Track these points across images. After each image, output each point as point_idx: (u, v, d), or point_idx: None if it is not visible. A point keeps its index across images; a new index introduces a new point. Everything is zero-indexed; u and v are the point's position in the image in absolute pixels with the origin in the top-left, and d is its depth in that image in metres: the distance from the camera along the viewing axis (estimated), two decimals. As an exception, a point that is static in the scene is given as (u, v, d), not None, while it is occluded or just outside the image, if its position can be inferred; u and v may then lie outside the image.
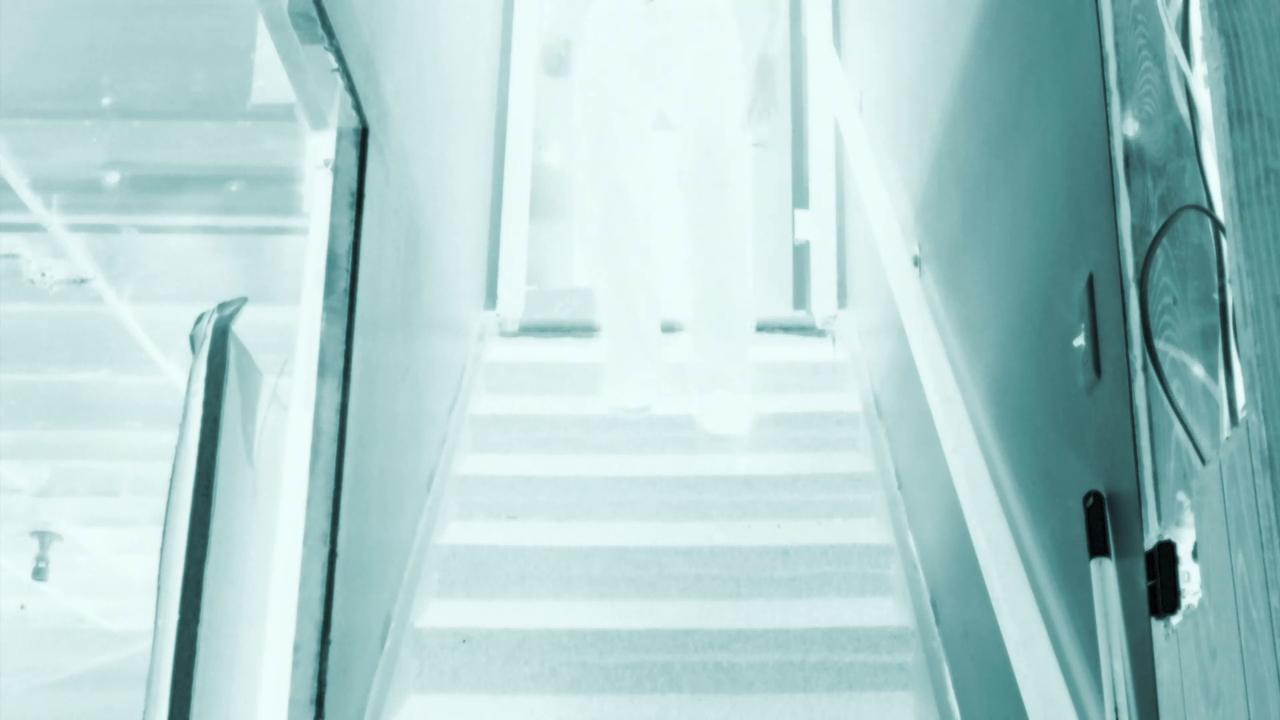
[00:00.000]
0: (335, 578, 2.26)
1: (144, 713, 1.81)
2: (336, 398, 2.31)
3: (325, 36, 2.18)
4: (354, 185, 2.40)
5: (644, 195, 3.94)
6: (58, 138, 2.72)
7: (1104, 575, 1.60)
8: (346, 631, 2.38)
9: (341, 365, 2.32)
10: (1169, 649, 1.40)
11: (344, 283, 2.35)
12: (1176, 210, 1.52)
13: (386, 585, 2.83)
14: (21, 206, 2.82)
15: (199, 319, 2.02)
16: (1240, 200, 1.21)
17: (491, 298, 4.39)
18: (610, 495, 3.48)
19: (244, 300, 2.06)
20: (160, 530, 1.89)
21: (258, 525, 2.16)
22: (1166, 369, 1.47)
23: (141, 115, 2.67)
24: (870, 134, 3.67)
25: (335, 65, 2.26)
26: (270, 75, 2.46)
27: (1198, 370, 1.47)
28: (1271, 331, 1.17)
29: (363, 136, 2.43)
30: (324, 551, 2.25)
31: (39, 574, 5.09)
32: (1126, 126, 1.57)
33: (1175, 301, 1.49)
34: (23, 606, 5.70)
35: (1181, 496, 1.42)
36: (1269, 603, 1.13)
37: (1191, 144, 1.54)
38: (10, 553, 5.08)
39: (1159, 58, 1.57)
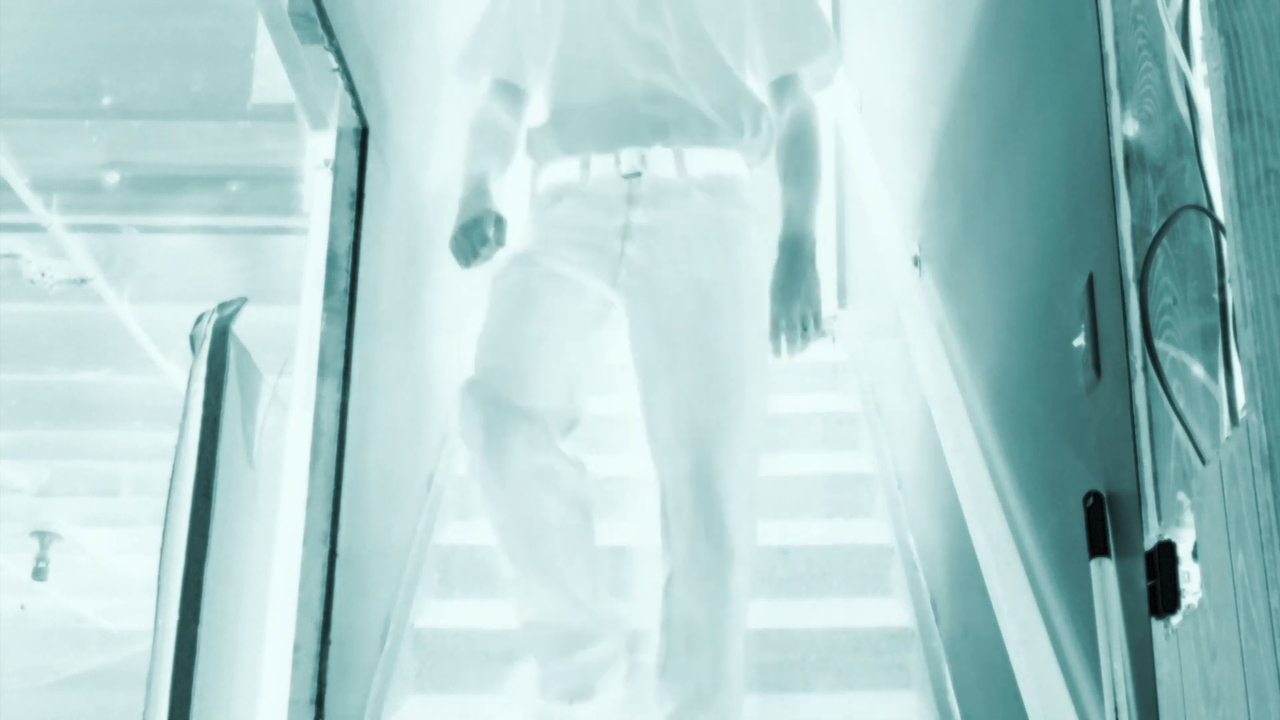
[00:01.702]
0: (335, 578, 2.26)
1: (144, 713, 1.81)
2: (336, 398, 2.31)
3: (325, 36, 2.19)
4: (354, 185, 2.41)
5: (586, 518, 2.57)
6: (58, 138, 2.72)
7: (1104, 575, 1.60)
8: (346, 631, 2.38)
9: (341, 365, 2.32)
10: (1169, 649, 1.39)
11: (344, 283, 2.35)
12: (1176, 210, 1.52)
13: (386, 585, 2.83)
14: (21, 206, 2.83)
15: (199, 319, 2.01)
16: (1240, 200, 1.21)
17: (492, 298, 4.38)
18: (609, 493, 3.47)
19: (244, 300, 2.05)
20: (160, 530, 1.89)
21: (258, 525, 2.16)
22: (1166, 369, 1.47)
23: (141, 115, 2.68)
24: (870, 134, 3.67)
25: (335, 65, 2.26)
26: (270, 75, 2.46)
27: (1198, 370, 1.47)
28: (1271, 331, 1.17)
29: (363, 136, 2.43)
30: (324, 551, 2.25)
31: (39, 574, 5.10)
32: (1126, 126, 1.57)
33: (1175, 301, 1.49)
34: (23, 606, 5.71)
35: (1181, 496, 1.42)
36: (1269, 603, 1.13)
37: (1191, 144, 1.54)
38: (10, 553, 5.09)
39: (1159, 58, 1.57)
